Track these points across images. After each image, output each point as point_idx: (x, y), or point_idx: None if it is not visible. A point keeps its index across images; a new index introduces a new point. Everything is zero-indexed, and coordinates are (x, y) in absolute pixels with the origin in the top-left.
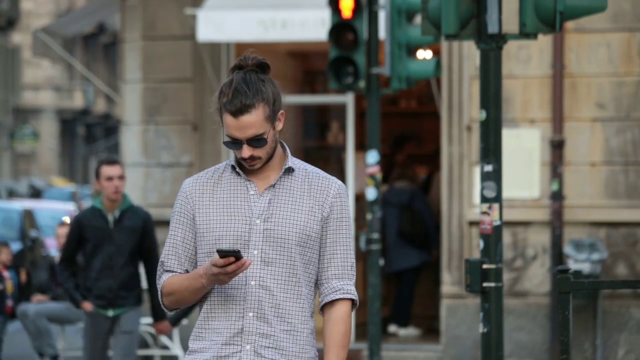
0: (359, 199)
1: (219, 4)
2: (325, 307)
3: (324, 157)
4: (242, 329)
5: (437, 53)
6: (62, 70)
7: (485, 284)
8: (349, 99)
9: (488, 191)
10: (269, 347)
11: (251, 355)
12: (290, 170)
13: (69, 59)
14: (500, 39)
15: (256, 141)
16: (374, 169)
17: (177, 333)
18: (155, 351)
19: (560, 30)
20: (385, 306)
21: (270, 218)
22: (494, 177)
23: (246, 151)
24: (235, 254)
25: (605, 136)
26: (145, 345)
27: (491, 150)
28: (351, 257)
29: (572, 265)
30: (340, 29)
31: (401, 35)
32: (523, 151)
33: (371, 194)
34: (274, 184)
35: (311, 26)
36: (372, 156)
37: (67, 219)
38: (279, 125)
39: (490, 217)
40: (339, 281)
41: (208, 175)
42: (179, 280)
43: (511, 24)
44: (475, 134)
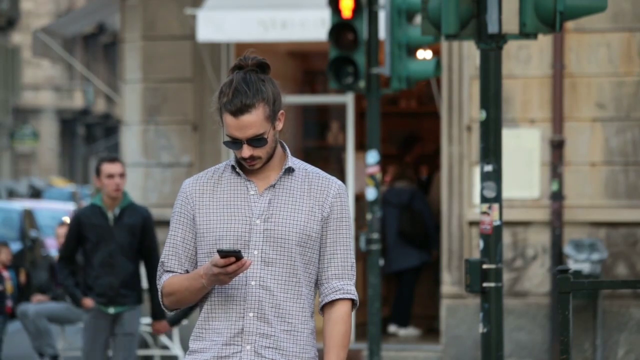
0: (359, 199)
1: (219, 4)
2: (325, 307)
3: (324, 157)
4: (243, 329)
5: (437, 53)
6: (62, 70)
7: (485, 284)
8: (349, 99)
9: (488, 191)
10: (269, 347)
11: (251, 356)
12: (290, 170)
13: (69, 59)
14: (500, 39)
15: (256, 141)
16: (374, 169)
17: (177, 333)
18: (155, 351)
19: (560, 30)
20: (385, 306)
21: (271, 218)
22: (494, 177)
23: (246, 151)
24: (236, 254)
25: (605, 136)
26: (145, 345)
27: (491, 150)
28: (351, 257)
29: (572, 265)
30: (340, 29)
31: (401, 35)
32: (523, 151)
33: (371, 194)
34: (274, 184)
35: (311, 26)
36: (372, 156)
37: (67, 219)
38: (279, 125)
39: (490, 217)
40: (339, 281)
41: (208, 175)
42: (179, 280)
43: (511, 24)
44: (475, 134)
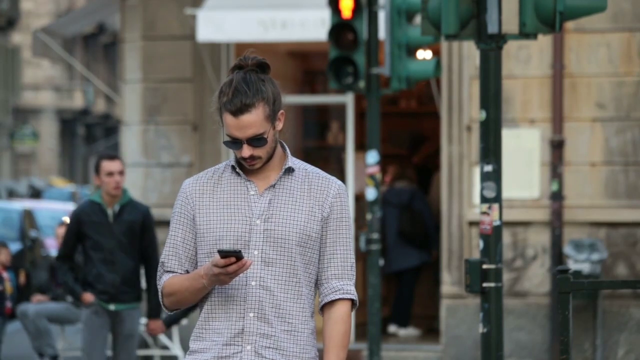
0: (359, 199)
1: (219, 4)
2: (325, 307)
3: (324, 157)
4: (243, 329)
5: (437, 53)
6: (62, 71)
7: (485, 284)
8: (349, 99)
9: (488, 191)
10: (269, 347)
11: (252, 356)
12: (290, 170)
13: (69, 59)
14: (500, 39)
15: (256, 141)
16: (374, 169)
17: (177, 333)
18: (155, 351)
19: (560, 30)
20: (385, 306)
21: (271, 218)
22: (494, 177)
23: (246, 151)
24: (237, 254)
25: (605, 136)
26: (145, 345)
27: (491, 150)
28: (351, 257)
29: (572, 266)
30: (340, 29)
31: (401, 35)
32: (523, 151)
33: (371, 194)
34: (274, 184)
35: (311, 26)
36: (372, 156)
37: (67, 219)
38: (279, 125)
39: (490, 217)
40: (339, 281)
41: (208, 175)
42: (179, 280)
43: (511, 24)
44: (475, 134)
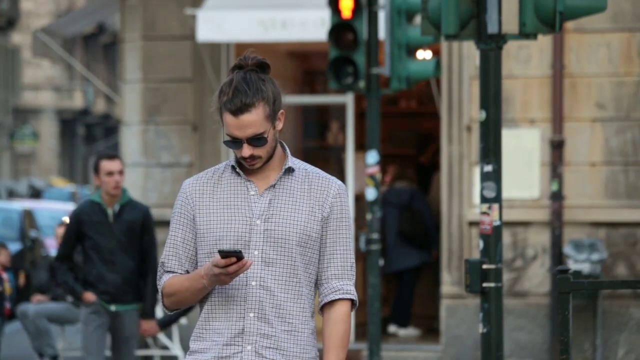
0: (359, 199)
1: (219, 4)
2: (325, 307)
3: (324, 157)
4: (243, 329)
5: (437, 53)
6: (62, 71)
7: (485, 284)
8: (349, 99)
9: (488, 191)
10: (269, 347)
11: (252, 356)
12: (290, 171)
13: (69, 59)
14: (500, 39)
15: (256, 140)
16: (374, 169)
17: (177, 333)
18: (155, 351)
19: (560, 31)
20: (385, 306)
21: (271, 218)
22: (494, 177)
23: (246, 150)
24: (237, 255)
25: (605, 136)
26: (145, 345)
27: (491, 150)
28: (351, 257)
29: (572, 266)
30: (340, 29)
31: (401, 36)
32: (523, 151)
33: (371, 194)
34: (274, 184)
35: (311, 26)
36: (372, 156)
37: (66, 219)
38: (279, 124)
39: (490, 217)
40: (339, 281)
41: (208, 175)
42: (179, 281)
43: (511, 24)
44: (475, 134)
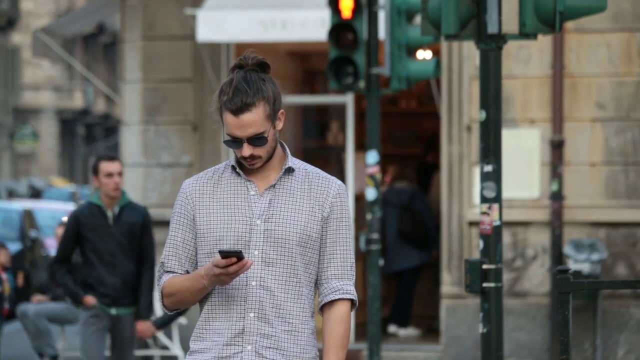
0: (359, 199)
1: (219, 4)
2: (325, 307)
3: (324, 157)
4: (243, 329)
5: (437, 53)
6: (62, 71)
7: (485, 284)
8: (348, 99)
9: (488, 191)
10: (270, 347)
11: (252, 356)
12: (290, 170)
13: (69, 59)
14: (500, 39)
15: (256, 140)
16: (374, 169)
17: (177, 333)
18: (155, 351)
19: (560, 31)
20: (385, 306)
21: (271, 218)
22: (494, 177)
23: (246, 150)
24: (237, 255)
25: (605, 136)
26: (145, 345)
27: (491, 150)
28: (351, 257)
29: (572, 266)
30: (340, 29)
31: (401, 36)
32: (523, 151)
33: (371, 194)
34: (274, 184)
35: (311, 26)
36: (372, 156)
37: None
38: (279, 124)
39: (490, 217)
40: (339, 281)
41: (208, 175)
42: (179, 281)
43: (511, 24)
44: (475, 134)
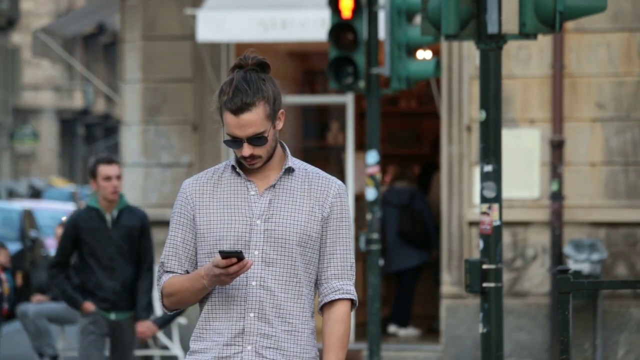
0: (359, 199)
1: (219, 4)
2: (325, 307)
3: (324, 157)
4: (244, 329)
5: (437, 53)
6: (62, 71)
7: (485, 284)
8: (348, 99)
9: (488, 191)
10: (270, 347)
11: (252, 356)
12: (290, 170)
13: (69, 59)
14: (500, 39)
15: (256, 139)
16: (374, 169)
17: (177, 333)
18: (155, 351)
19: (560, 30)
20: (385, 306)
21: (271, 218)
22: (494, 177)
23: (246, 150)
24: (238, 255)
25: (605, 136)
26: (145, 345)
27: (491, 150)
28: (351, 257)
29: (572, 266)
30: (340, 29)
31: (401, 36)
32: (523, 151)
33: (371, 194)
34: (274, 184)
35: (311, 26)
36: (372, 156)
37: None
38: (279, 124)
39: (490, 217)
40: (339, 281)
41: (208, 175)
42: (179, 281)
43: (511, 24)
44: (475, 134)
